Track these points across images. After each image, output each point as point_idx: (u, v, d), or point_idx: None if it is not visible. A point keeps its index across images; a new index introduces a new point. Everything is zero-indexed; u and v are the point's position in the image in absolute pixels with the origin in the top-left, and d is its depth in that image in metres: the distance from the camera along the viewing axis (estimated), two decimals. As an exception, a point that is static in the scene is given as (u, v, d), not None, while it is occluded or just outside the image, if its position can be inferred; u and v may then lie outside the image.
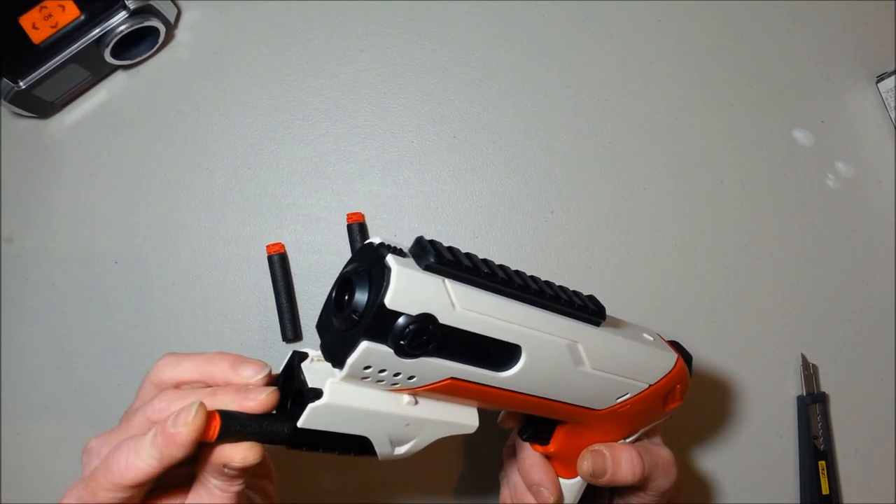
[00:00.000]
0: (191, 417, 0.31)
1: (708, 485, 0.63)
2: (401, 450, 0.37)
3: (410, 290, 0.32)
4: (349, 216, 0.59)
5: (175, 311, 0.58)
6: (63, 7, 0.52)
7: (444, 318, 0.33)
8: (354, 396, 0.34)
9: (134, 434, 0.34)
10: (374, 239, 0.34)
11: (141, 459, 0.32)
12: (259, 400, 0.33)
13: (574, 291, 0.39)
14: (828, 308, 0.65)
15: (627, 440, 0.46)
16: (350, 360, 0.32)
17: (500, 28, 0.63)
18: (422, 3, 0.62)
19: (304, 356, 0.36)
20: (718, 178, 0.65)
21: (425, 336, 0.32)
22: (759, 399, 0.64)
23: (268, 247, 0.58)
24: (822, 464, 0.62)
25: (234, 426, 0.32)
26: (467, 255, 0.35)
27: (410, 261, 0.33)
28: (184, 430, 0.31)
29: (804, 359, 0.64)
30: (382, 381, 0.34)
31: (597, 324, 0.39)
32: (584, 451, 0.44)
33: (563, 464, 0.45)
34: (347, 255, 0.59)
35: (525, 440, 0.45)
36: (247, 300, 0.58)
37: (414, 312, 0.32)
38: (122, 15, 0.53)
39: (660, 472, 0.45)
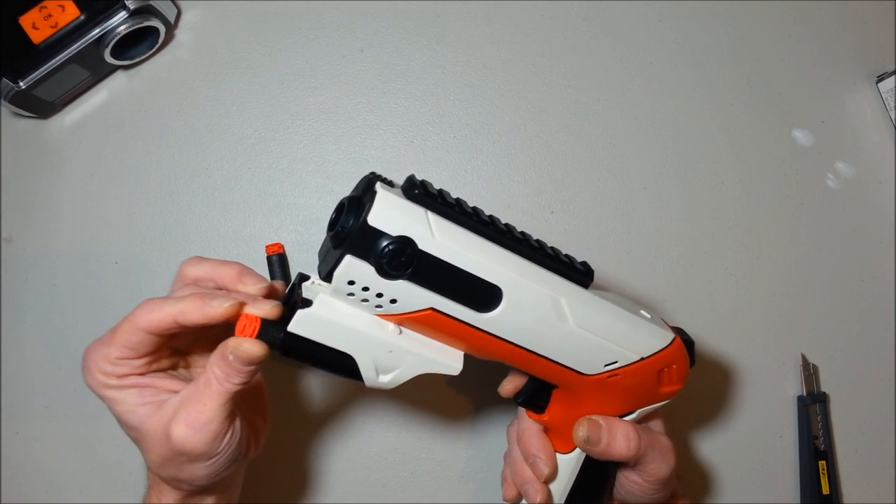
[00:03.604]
0: (227, 304, 0.37)
1: (708, 484, 0.63)
2: (384, 378, 0.39)
3: (392, 213, 0.35)
4: (267, 248, 0.58)
5: (175, 311, 0.58)
6: (63, 7, 0.52)
7: (422, 245, 0.36)
8: (342, 313, 0.37)
9: None
10: (368, 172, 0.38)
11: (163, 308, 0.37)
12: (264, 309, 0.37)
13: (566, 254, 0.41)
14: (828, 308, 0.65)
15: (626, 419, 0.46)
16: (336, 273, 0.35)
17: (500, 28, 0.63)
18: (422, 3, 0.62)
19: (306, 278, 0.39)
20: (718, 178, 0.65)
21: (403, 258, 0.35)
22: (759, 399, 0.64)
23: (267, 247, 0.58)
24: (822, 464, 0.62)
25: (269, 332, 0.37)
26: (458, 198, 0.38)
27: (398, 191, 0.37)
28: (217, 309, 0.37)
29: (804, 359, 0.64)
30: (367, 301, 0.37)
31: (584, 285, 0.41)
32: (581, 419, 0.45)
33: (559, 436, 0.46)
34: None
35: (520, 404, 0.46)
36: (247, 300, 0.58)
37: (394, 234, 0.35)
38: (122, 15, 0.53)
39: (656, 454, 0.45)
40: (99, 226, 0.58)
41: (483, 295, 0.38)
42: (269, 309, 0.37)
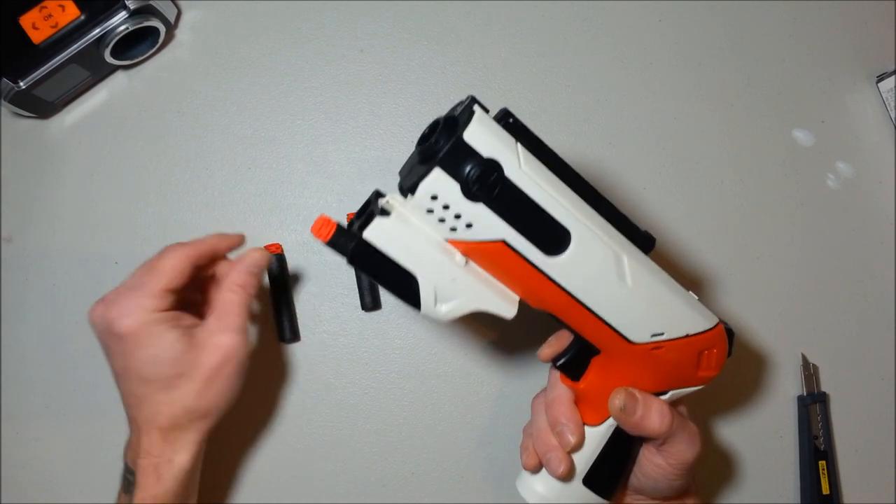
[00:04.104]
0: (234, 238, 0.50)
1: (708, 484, 0.63)
2: (442, 308, 0.39)
3: (486, 135, 0.36)
4: (349, 216, 0.59)
5: (175, 311, 0.58)
6: (63, 7, 0.52)
7: (509, 172, 0.36)
8: (417, 229, 0.37)
9: None
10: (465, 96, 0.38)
11: (188, 247, 0.47)
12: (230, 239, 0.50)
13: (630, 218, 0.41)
14: (828, 308, 0.65)
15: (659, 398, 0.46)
16: (422, 185, 0.36)
17: (500, 28, 0.63)
18: (422, 3, 0.62)
19: (382, 195, 0.39)
20: (718, 178, 0.65)
21: (489, 181, 0.36)
22: (759, 399, 0.64)
23: (265, 247, 0.58)
24: (822, 464, 0.62)
25: (341, 238, 0.37)
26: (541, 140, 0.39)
27: (492, 117, 0.37)
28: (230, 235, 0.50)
29: (804, 359, 0.64)
30: (444, 220, 0.37)
31: (645, 250, 0.42)
32: (619, 388, 0.45)
33: (591, 407, 0.46)
34: (347, 254, 0.59)
35: (558, 367, 0.46)
36: (247, 300, 0.58)
37: (485, 154, 0.36)
38: (122, 15, 0.53)
39: (685, 437, 0.45)
40: (99, 226, 0.58)
41: (553, 236, 0.38)
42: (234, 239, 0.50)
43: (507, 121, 0.37)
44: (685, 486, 0.49)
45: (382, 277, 0.38)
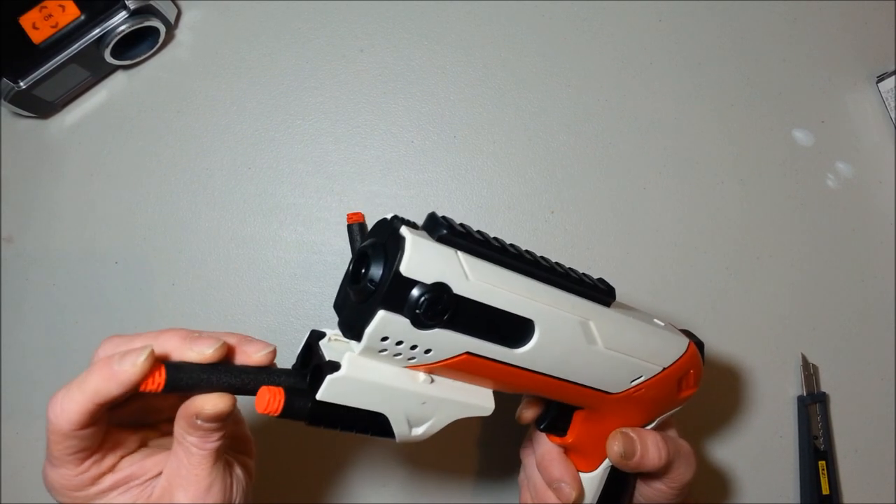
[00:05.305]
0: (140, 360, 0.31)
1: (708, 484, 0.63)
2: (418, 430, 0.37)
3: (424, 260, 0.33)
4: (349, 216, 0.59)
5: (175, 311, 0.58)
6: (63, 7, 0.52)
7: (457, 289, 0.34)
8: (372, 371, 0.34)
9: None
10: (388, 215, 0.35)
11: (73, 399, 0.31)
12: (202, 353, 0.33)
13: (583, 273, 0.40)
14: (828, 308, 0.65)
15: (647, 427, 0.46)
16: (368, 330, 0.32)
17: (500, 28, 0.63)
18: (422, 3, 0.62)
19: (321, 335, 0.36)
20: (718, 178, 0.65)
21: (440, 305, 0.33)
22: (759, 399, 0.64)
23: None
24: (822, 464, 0.62)
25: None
26: (479, 231, 0.36)
27: (424, 233, 0.34)
28: (129, 370, 0.31)
29: (804, 359, 0.64)
30: (399, 354, 0.34)
31: (607, 304, 0.40)
32: (614, 433, 0.44)
33: (582, 456, 0.45)
34: (347, 254, 0.59)
35: (542, 430, 0.45)
36: (247, 300, 0.58)
37: (428, 281, 0.33)
38: (122, 15, 0.53)
39: (682, 460, 0.45)
40: (99, 226, 0.58)
41: (517, 331, 0.36)
42: (209, 353, 0.33)
43: (441, 232, 0.34)
44: (684, 498, 0.49)
45: (350, 426, 0.35)
